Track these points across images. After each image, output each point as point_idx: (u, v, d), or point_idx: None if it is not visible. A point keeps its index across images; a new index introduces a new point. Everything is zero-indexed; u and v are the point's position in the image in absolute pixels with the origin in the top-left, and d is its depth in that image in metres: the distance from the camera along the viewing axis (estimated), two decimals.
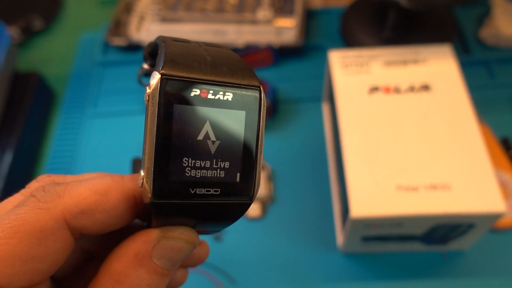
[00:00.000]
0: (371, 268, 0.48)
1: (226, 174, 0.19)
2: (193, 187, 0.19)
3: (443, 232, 0.43)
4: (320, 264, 0.49)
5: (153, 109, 0.17)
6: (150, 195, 0.18)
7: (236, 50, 0.63)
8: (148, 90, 0.18)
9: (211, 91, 0.18)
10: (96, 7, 0.77)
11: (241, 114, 0.19)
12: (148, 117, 0.18)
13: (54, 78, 0.68)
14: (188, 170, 0.18)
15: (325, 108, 0.60)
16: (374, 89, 0.47)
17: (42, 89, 0.63)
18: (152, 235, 0.19)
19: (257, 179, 0.20)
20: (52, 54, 0.71)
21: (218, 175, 0.19)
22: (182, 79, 0.18)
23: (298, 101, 0.61)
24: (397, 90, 0.47)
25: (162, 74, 0.17)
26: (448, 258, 0.48)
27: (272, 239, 0.51)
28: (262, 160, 0.21)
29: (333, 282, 0.47)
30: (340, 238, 0.50)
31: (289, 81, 0.63)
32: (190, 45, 0.20)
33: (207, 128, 0.19)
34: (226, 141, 0.19)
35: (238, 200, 0.20)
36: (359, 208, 0.40)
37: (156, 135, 0.17)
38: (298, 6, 0.66)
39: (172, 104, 0.18)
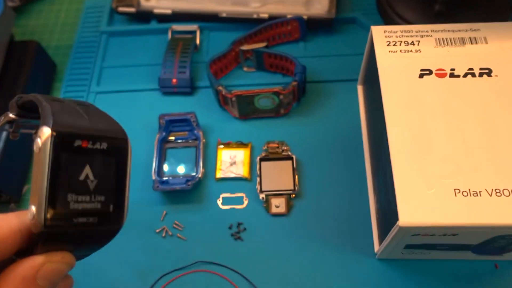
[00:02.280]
0: (412, 277, 0.42)
1: (102, 205, 0.25)
2: (76, 217, 0.23)
3: (502, 243, 0.37)
4: (352, 270, 0.43)
5: (44, 157, 0.22)
6: (41, 225, 0.22)
7: (259, 21, 0.56)
8: (39, 142, 0.22)
9: (91, 142, 0.24)
10: None
11: (113, 159, 0.26)
12: (39, 162, 0.22)
13: (54, 49, 0.61)
14: (72, 203, 0.23)
15: (361, 91, 0.53)
16: (426, 72, 0.40)
17: (42, 60, 0.56)
18: (37, 260, 0.22)
19: (126, 208, 0.26)
20: (52, 22, 0.64)
21: (96, 207, 0.24)
22: (68, 133, 0.23)
23: (329, 81, 0.54)
24: (453, 74, 0.40)
25: (53, 130, 0.22)
26: (501, 267, 0.42)
27: (297, 239, 0.45)
28: (128, 193, 0.27)
29: None
30: (377, 242, 0.44)
31: (318, 58, 0.56)
32: (66, 104, 0.25)
33: (87, 170, 0.24)
34: (102, 180, 0.25)
35: (112, 226, 0.26)
36: (409, 215, 0.34)
37: (46, 177, 0.22)
38: None
39: (60, 153, 0.22)
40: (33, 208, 0.22)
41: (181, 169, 0.49)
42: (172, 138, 0.51)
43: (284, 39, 0.57)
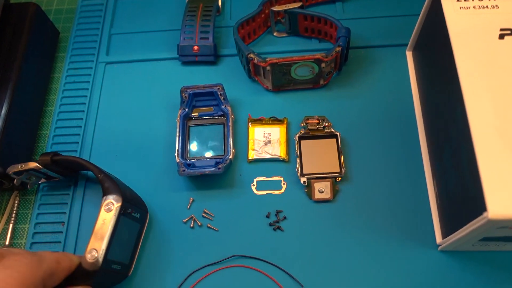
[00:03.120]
0: (482, 270, 0.36)
1: (123, 257, 0.36)
2: (114, 263, 0.35)
3: None
4: (409, 264, 0.37)
5: (114, 218, 0.34)
6: (98, 266, 0.33)
7: None
8: (116, 205, 0.35)
9: (134, 211, 0.37)
10: None
11: (138, 225, 0.38)
12: (108, 221, 0.34)
13: (56, 13, 0.54)
14: (115, 254, 0.35)
15: (410, 57, 0.46)
16: (507, 32, 0.34)
17: (43, 25, 0.49)
18: None
19: (134, 262, 0.38)
20: None
21: (122, 259, 0.36)
22: (128, 204, 0.36)
23: (372, 47, 0.47)
24: None
25: (122, 201, 0.35)
26: None
27: (344, 229, 0.39)
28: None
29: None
30: (438, 232, 0.38)
31: (359, 20, 0.49)
32: (116, 178, 0.38)
33: (126, 230, 0.36)
34: (130, 238, 0.37)
35: (125, 274, 0.37)
36: (501, 205, 0.28)
37: (110, 233, 0.34)
38: None
39: (120, 216, 0.35)
40: (95, 253, 0.33)
41: (208, 150, 0.43)
42: (195, 114, 0.44)
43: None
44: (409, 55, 0.46)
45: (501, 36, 0.33)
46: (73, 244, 0.40)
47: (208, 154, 0.43)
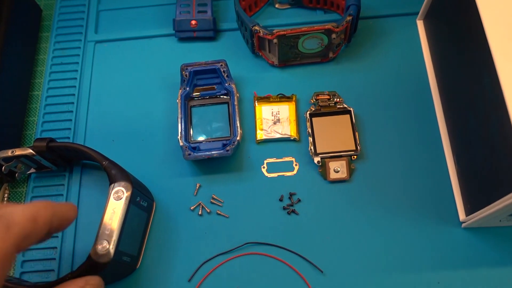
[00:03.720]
0: (510, 245, 0.35)
1: (132, 249, 0.34)
2: (124, 255, 0.32)
3: None
4: (433, 243, 0.35)
5: (125, 207, 0.32)
6: (109, 258, 0.30)
7: None
8: (126, 193, 0.32)
9: (142, 199, 0.35)
10: None
11: (146, 214, 0.36)
12: (119, 210, 0.31)
13: None
14: (125, 245, 0.32)
15: (422, 26, 0.44)
16: None
17: (22, 3, 0.45)
18: (92, 281, 0.29)
19: (142, 254, 0.36)
20: None
21: (131, 250, 0.34)
22: (137, 192, 0.33)
23: (381, 16, 0.45)
24: None
25: (132, 188, 0.32)
26: None
27: (362, 209, 0.37)
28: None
29: (454, 268, 0.34)
30: (461, 209, 0.36)
31: None
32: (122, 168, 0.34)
33: (135, 220, 0.34)
34: (138, 229, 0.35)
35: (133, 266, 0.35)
36: None
37: (122, 222, 0.31)
38: None
39: (130, 205, 0.32)
40: (107, 245, 0.30)
41: (213, 131, 0.40)
42: (197, 94, 0.41)
43: None
44: (420, 24, 0.44)
45: None
46: (72, 240, 0.37)
47: (214, 136, 0.40)
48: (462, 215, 0.36)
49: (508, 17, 0.30)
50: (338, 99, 0.40)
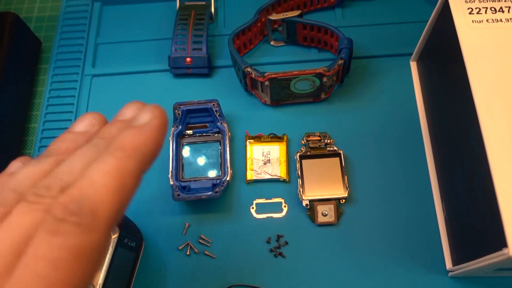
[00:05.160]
0: None
1: None
2: None
3: None
4: None
5: (111, 251, 0.31)
6: None
7: None
8: (112, 236, 0.32)
9: (131, 240, 0.35)
10: None
11: (134, 254, 0.36)
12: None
13: (36, 21, 0.51)
14: (109, 284, 0.32)
15: (415, 68, 0.44)
16: None
17: (23, 35, 0.46)
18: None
19: None
20: None
21: None
22: (123, 234, 0.33)
23: (374, 57, 0.45)
24: None
25: (120, 231, 0.32)
26: None
27: (349, 254, 0.37)
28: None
29: None
30: (448, 257, 0.36)
31: (359, 28, 0.46)
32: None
33: (121, 260, 0.33)
34: (123, 270, 0.35)
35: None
36: None
37: (107, 267, 0.31)
38: None
39: (117, 248, 0.32)
40: None
41: (204, 170, 0.40)
42: (189, 131, 0.42)
43: (317, 5, 0.47)
44: (413, 65, 0.44)
45: None
46: None
47: (204, 174, 0.40)
48: (448, 264, 0.36)
49: (494, 75, 0.30)
50: (328, 141, 0.40)
